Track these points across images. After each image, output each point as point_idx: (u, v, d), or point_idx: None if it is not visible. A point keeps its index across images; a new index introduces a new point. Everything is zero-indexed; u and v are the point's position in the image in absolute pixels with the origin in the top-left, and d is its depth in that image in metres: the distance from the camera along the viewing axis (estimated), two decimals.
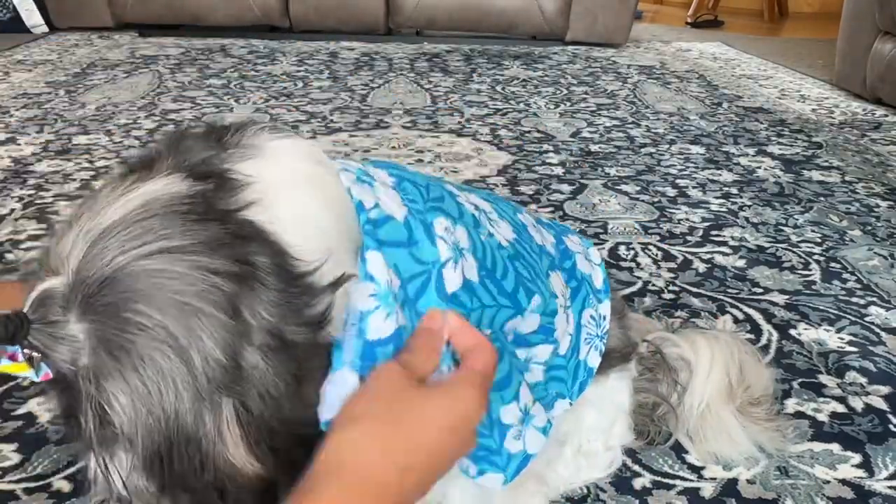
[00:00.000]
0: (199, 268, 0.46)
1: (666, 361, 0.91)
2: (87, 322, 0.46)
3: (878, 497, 0.83)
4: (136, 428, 0.46)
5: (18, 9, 3.48)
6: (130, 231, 0.47)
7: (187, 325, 0.45)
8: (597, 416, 0.80)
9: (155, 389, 0.46)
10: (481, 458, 0.62)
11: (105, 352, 0.45)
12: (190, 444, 0.47)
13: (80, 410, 0.47)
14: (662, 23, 4.98)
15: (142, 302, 0.45)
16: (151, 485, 0.49)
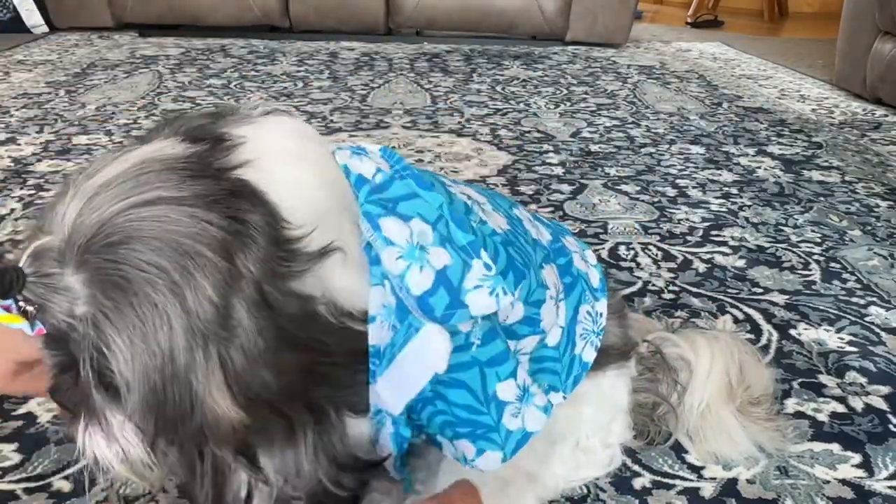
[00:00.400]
0: (193, 216, 0.47)
1: (666, 361, 0.91)
2: (83, 272, 0.46)
3: (878, 497, 0.83)
4: (134, 368, 0.47)
5: (18, 9, 3.48)
6: (125, 185, 0.48)
7: (182, 265, 0.46)
8: (594, 413, 0.80)
9: (150, 327, 0.46)
10: (479, 435, 0.61)
11: (102, 295, 0.46)
12: (182, 384, 0.47)
13: (78, 362, 0.48)
14: (662, 23, 4.98)
15: (136, 243, 0.46)
16: (144, 436, 0.50)
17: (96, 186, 0.48)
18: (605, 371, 0.79)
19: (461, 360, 0.60)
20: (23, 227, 1.46)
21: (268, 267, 0.48)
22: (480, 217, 0.67)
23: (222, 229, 0.47)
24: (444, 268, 0.56)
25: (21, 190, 1.64)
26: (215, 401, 0.48)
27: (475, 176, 1.81)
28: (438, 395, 0.61)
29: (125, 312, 0.46)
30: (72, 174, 0.52)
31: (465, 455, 0.62)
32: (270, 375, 0.49)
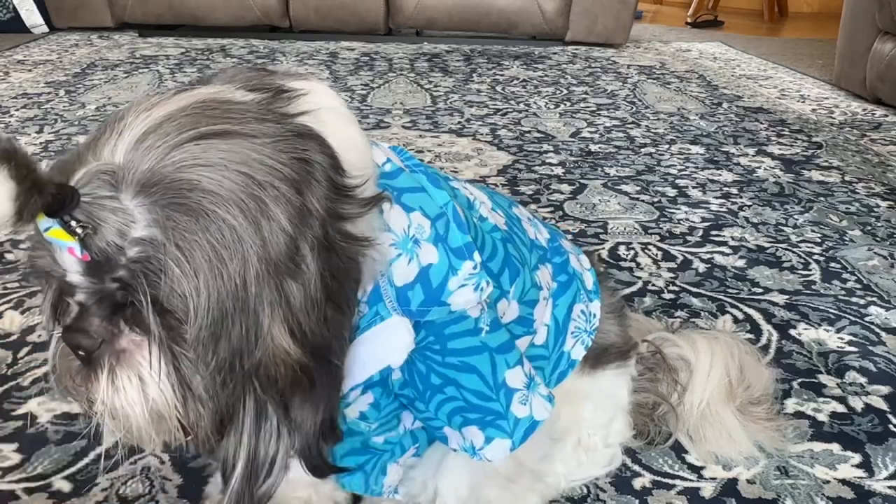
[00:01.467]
0: (263, 151, 0.47)
1: (666, 361, 0.91)
2: (143, 196, 0.45)
3: (877, 497, 0.83)
4: (204, 293, 0.45)
5: (18, 9, 3.48)
6: (190, 118, 0.47)
7: (256, 194, 0.45)
8: (595, 412, 0.80)
9: (224, 251, 0.45)
10: (488, 423, 0.62)
11: (168, 218, 0.45)
12: (249, 315, 0.47)
13: (127, 290, 0.46)
14: (662, 23, 4.98)
15: (206, 170, 0.45)
16: (198, 368, 0.48)
17: (152, 121, 0.47)
18: (605, 370, 0.80)
19: (472, 345, 0.61)
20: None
21: (330, 207, 0.49)
22: (481, 213, 0.67)
23: (292, 167, 0.47)
24: (428, 266, 0.57)
25: None
26: (279, 336, 0.47)
27: (475, 176, 1.81)
28: (449, 380, 0.61)
29: (196, 236, 0.45)
30: (111, 115, 0.50)
31: (473, 444, 0.62)
32: (319, 319, 0.49)
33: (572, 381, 0.77)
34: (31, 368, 1.00)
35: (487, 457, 0.62)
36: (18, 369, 1.00)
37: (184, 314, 0.46)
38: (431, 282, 0.57)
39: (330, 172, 0.49)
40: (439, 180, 0.63)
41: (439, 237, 0.58)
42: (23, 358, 1.03)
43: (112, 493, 0.80)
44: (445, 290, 0.58)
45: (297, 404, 0.51)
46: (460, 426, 0.62)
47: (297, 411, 0.52)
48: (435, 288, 0.57)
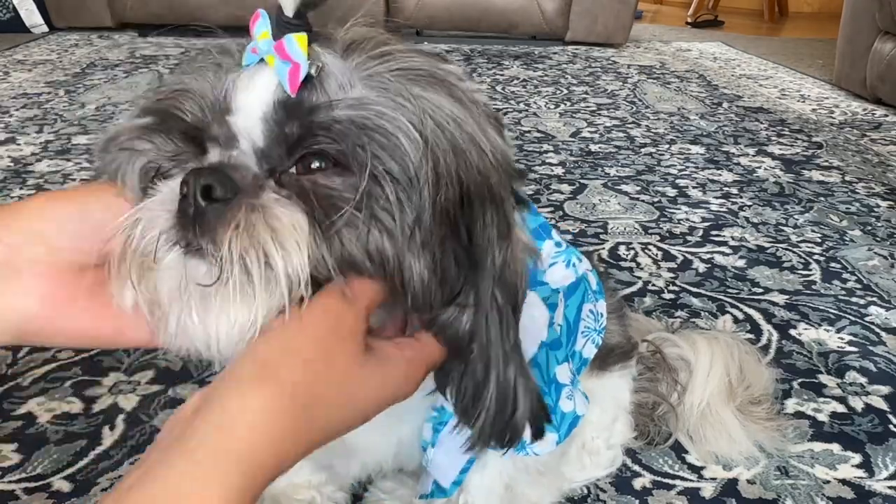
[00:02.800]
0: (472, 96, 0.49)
1: (666, 361, 0.91)
2: (371, 62, 0.45)
3: (878, 497, 0.83)
4: (440, 166, 0.44)
5: (18, 9, 3.48)
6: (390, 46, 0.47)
7: (472, 114, 0.48)
8: (599, 413, 0.80)
9: (469, 139, 0.46)
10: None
11: (398, 92, 0.44)
12: (488, 205, 0.46)
13: (342, 145, 0.43)
14: (662, 23, 4.98)
15: (433, 93, 0.46)
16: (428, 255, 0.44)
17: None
18: (610, 371, 0.80)
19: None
20: None
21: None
22: None
23: (495, 118, 0.51)
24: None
25: (21, 190, 1.64)
26: (519, 237, 0.47)
27: None
28: None
29: (425, 96, 0.45)
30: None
31: (525, 439, 0.61)
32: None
33: (581, 383, 0.77)
34: (31, 368, 1.00)
35: (536, 450, 0.62)
36: (18, 369, 1.00)
37: (388, 182, 0.43)
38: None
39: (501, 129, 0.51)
40: None
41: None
42: (23, 358, 1.03)
43: None
44: (539, 271, 0.57)
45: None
46: None
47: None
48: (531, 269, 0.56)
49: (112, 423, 0.91)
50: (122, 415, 0.92)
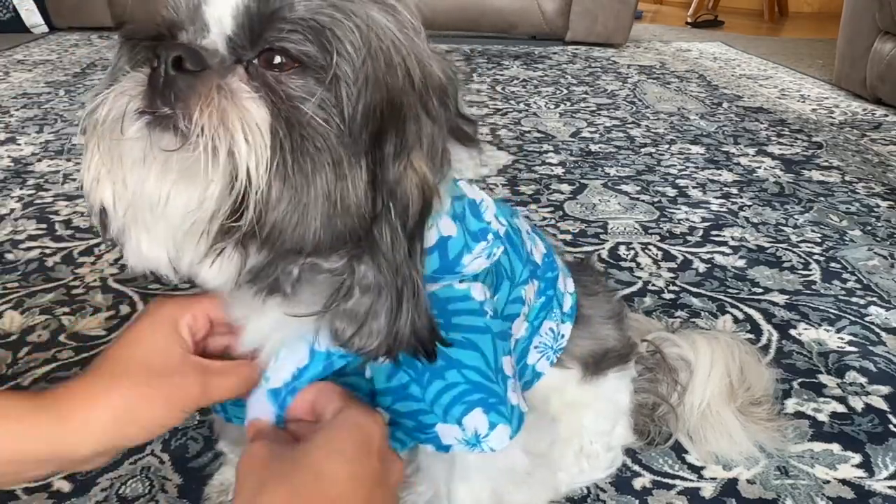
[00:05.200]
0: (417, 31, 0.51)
1: (666, 361, 0.91)
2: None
3: (878, 497, 0.83)
4: (366, 73, 0.47)
5: (18, 9, 3.48)
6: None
7: (408, 36, 0.50)
8: (596, 419, 0.80)
9: (393, 49, 0.48)
10: (492, 406, 0.60)
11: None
12: (399, 119, 0.49)
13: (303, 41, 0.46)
14: (662, 23, 4.98)
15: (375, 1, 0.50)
16: (352, 158, 0.47)
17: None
18: (606, 375, 0.79)
19: (476, 324, 0.60)
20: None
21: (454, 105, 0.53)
22: (484, 217, 0.67)
23: (441, 57, 0.52)
24: (447, 237, 0.58)
25: (21, 190, 1.64)
26: (419, 158, 0.49)
27: (475, 176, 1.81)
28: (451, 362, 0.59)
29: (367, 22, 0.48)
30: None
31: (477, 432, 0.60)
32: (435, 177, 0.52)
33: (573, 390, 0.77)
34: (31, 368, 1.00)
35: (491, 445, 0.60)
36: (18, 369, 1.00)
37: (345, 84, 0.46)
38: (448, 252, 0.58)
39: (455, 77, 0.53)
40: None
41: (458, 216, 0.59)
42: (23, 358, 1.03)
43: (112, 493, 0.80)
44: (460, 264, 0.58)
45: (416, 249, 0.51)
46: (461, 416, 0.59)
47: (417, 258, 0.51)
48: (451, 259, 0.58)
49: None
50: None
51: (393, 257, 0.49)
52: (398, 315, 0.50)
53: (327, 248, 0.48)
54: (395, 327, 0.50)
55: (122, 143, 0.46)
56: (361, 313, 0.50)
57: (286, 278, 0.50)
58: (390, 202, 0.48)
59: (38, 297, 1.18)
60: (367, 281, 0.49)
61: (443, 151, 0.51)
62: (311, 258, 0.49)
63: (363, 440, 0.50)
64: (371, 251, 0.49)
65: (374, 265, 0.49)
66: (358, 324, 0.50)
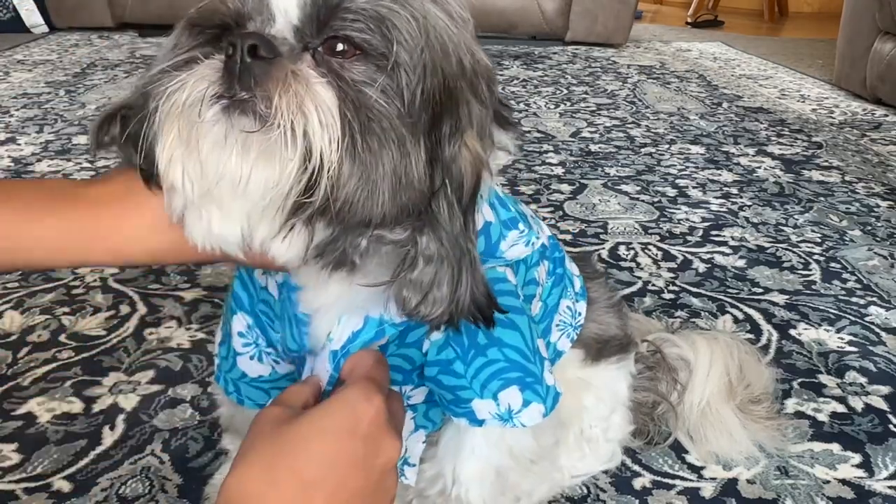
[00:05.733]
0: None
1: (666, 361, 0.91)
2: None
3: (878, 497, 0.83)
4: (425, 60, 0.50)
5: (18, 9, 3.48)
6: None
7: (457, 25, 0.54)
8: (596, 402, 0.81)
9: (447, 37, 0.52)
10: (528, 384, 0.62)
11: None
12: (454, 103, 0.52)
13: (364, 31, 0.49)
14: (662, 23, 4.98)
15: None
16: (409, 137, 0.50)
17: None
18: (606, 362, 0.80)
19: (514, 305, 0.63)
20: None
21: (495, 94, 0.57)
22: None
23: (481, 54, 0.57)
24: (488, 223, 0.61)
25: None
26: (472, 138, 0.53)
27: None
28: (493, 340, 0.61)
29: (423, 12, 0.51)
30: None
31: (510, 407, 0.62)
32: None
33: (575, 370, 0.78)
34: (31, 368, 1.00)
35: (523, 421, 0.63)
36: (18, 369, 1.00)
37: (405, 71, 0.49)
38: (491, 236, 0.61)
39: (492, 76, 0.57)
40: None
41: (493, 204, 0.62)
42: (23, 358, 1.03)
43: (112, 493, 0.80)
44: (499, 249, 0.61)
45: (470, 223, 0.53)
46: (497, 391, 0.62)
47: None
48: (493, 243, 0.61)
49: (112, 423, 0.91)
50: (122, 415, 0.92)
51: (451, 230, 0.52)
52: (459, 284, 0.53)
53: (392, 221, 0.51)
54: (457, 295, 0.53)
55: (200, 126, 0.48)
56: (426, 283, 0.53)
57: (354, 250, 0.53)
58: (447, 178, 0.51)
59: (38, 297, 1.19)
60: (429, 252, 0.52)
61: (490, 133, 0.55)
62: (377, 230, 0.52)
63: (351, 421, 0.52)
64: (431, 224, 0.52)
65: (435, 237, 0.52)
66: (423, 293, 0.53)
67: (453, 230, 0.52)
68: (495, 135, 0.57)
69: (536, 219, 0.78)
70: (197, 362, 1.03)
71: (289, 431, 0.50)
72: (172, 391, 0.97)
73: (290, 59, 0.48)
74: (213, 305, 1.17)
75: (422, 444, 0.69)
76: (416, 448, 0.68)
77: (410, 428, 0.68)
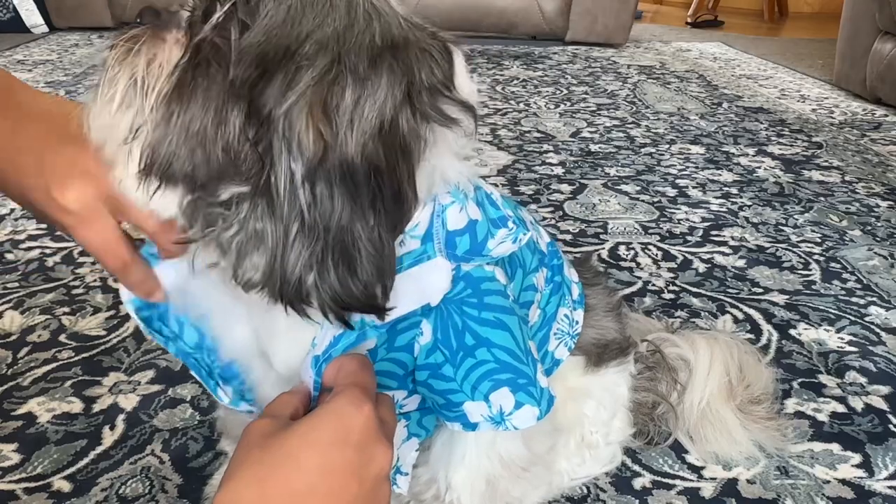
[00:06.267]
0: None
1: (666, 361, 0.91)
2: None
3: (878, 497, 0.83)
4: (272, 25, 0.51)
5: (18, 9, 3.48)
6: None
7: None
8: (597, 408, 0.81)
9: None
10: (521, 386, 0.61)
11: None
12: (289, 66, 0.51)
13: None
14: (662, 23, 4.98)
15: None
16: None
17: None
18: (606, 367, 0.80)
19: (504, 305, 0.62)
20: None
21: (433, 80, 0.54)
22: None
23: (423, 34, 0.55)
24: (474, 221, 0.60)
25: None
26: (316, 109, 0.51)
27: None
28: (482, 341, 0.60)
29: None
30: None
31: (502, 409, 0.61)
32: (378, 146, 0.52)
33: (576, 378, 0.78)
34: (31, 368, 1.00)
35: (515, 423, 0.61)
36: (18, 369, 1.00)
37: (233, 30, 0.50)
38: (477, 234, 0.60)
39: (444, 66, 0.54)
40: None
41: (481, 202, 0.62)
42: (23, 358, 1.03)
43: (112, 493, 0.80)
44: (486, 248, 0.61)
45: (358, 204, 0.52)
46: (488, 392, 0.61)
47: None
48: (479, 242, 0.60)
49: (112, 423, 0.91)
50: (122, 415, 0.92)
51: (287, 200, 0.50)
52: (282, 258, 0.51)
53: (203, 181, 0.52)
54: (279, 267, 0.51)
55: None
56: (236, 249, 0.52)
57: (181, 211, 0.54)
58: (286, 144, 0.50)
59: (38, 297, 1.19)
60: (240, 217, 0.51)
61: (391, 124, 0.51)
62: (197, 192, 0.52)
63: (342, 430, 0.51)
64: (262, 195, 0.51)
65: (255, 206, 0.51)
66: (234, 256, 0.52)
67: (293, 202, 0.50)
68: (438, 132, 0.55)
69: (536, 225, 0.78)
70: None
71: (278, 445, 0.50)
72: (172, 391, 0.97)
73: (162, 26, 0.54)
74: None
75: (415, 453, 0.68)
76: (409, 457, 0.67)
77: (403, 436, 0.67)
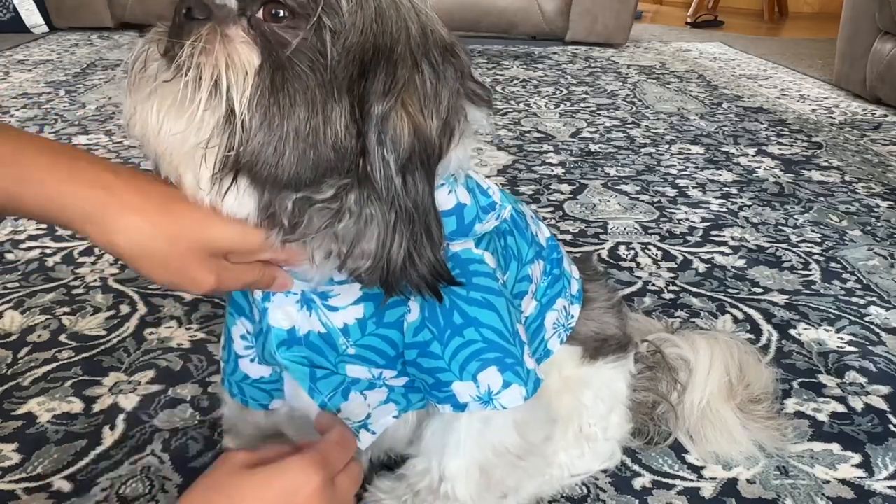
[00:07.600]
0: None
1: (666, 361, 0.91)
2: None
3: (878, 497, 0.83)
4: (361, 25, 0.52)
5: (18, 9, 3.48)
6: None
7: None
8: (594, 400, 0.81)
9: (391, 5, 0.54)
10: (508, 366, 0.62)
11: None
12: (390, 65, 0.53)
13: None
14: (662, 23, 4.98)
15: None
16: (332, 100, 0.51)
17: None
18: (604, 360, 0.80)
19: (492, 286, 0.63)
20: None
21: (468, 69, 0.57)
22: None
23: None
24: (462, 204, 0.61)
25: None
26: (410, 104, 0.53)
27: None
28: (470, 320, 0.61)
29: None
30: None
31: (490, 389, 0.62)
32: (437, 129, 0.55)
33: (572, 368, 0.78)
34: (31, 368, 1.00)
35: (503, 402, 0.62)
36: (18, 369, 1.00)
37: (330, 30, 0.51)
38: (465, 217, 0.61)
39: (465, 56, 0.57)
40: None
41: (471, 188, 0.63)
42: (23, 358, 1.03)
43: (112, 493, 0.80)
44: (472, 231, 0.62)
45: (421, 188, 0.54)
46: (476, 372, 0.62)
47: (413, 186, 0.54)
48: (466, 224, 0.61)
49: (112, 423, 0.91)
50: (122, 415, 0.92)
51: (385, 189, 0.52)
52: (390, 242, 0.53)
53: (310, 179, 0.52)
54: (386, 253, 0.53)
55: (142, 81, 0.53)
56: (349, 237, 0.54)
57: (283, 212, 0.54)
58: (382, 137, 0.52)
59: (38, 297, 1.19)
60: (354, 208, 0.53)
61: (452, 107, 0.55)
62: (302, 192, 0.53)
63: (290, 491, 0.55)
64: (364, 183, 0.53)
65: (362, 195, 0.53)
66: (347, 245, 0.54)
67: (389, 190, 0.52)
68: (469, 112, 0.58)
69: (536, 219, 0.79)
70: (197, 362, 1.03)
71: (237, 486, 0.55)
72: (172, 391, 0.97)
73: (221, 21, 0.52)
74: (213, 305, 1.17)
75: (390, 418, 0.69)
76: (382, 419, 0.69)
77: (382, 398, 0.68)
